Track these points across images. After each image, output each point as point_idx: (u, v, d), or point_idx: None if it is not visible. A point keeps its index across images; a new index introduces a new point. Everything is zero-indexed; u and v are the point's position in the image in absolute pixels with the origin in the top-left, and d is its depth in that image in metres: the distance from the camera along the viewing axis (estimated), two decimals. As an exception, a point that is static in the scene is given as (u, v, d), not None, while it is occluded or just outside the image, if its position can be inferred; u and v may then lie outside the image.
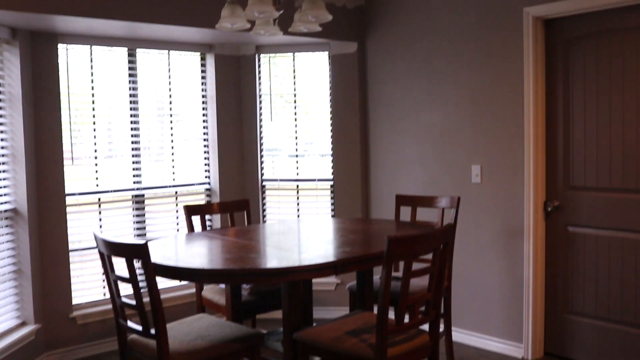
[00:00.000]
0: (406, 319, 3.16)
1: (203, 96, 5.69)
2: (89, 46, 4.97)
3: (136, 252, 2.93)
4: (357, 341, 3.09)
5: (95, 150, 5.08)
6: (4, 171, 4.51)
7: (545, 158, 4.60)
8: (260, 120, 5.85)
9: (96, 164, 5.09)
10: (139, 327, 3.07)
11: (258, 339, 3.28)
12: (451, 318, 4.40)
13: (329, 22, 3.61)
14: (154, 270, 3.04)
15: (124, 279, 3.07)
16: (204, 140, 5.71)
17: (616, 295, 4.28)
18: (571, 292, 4.53)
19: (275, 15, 3.55)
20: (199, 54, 5.63)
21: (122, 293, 3.23)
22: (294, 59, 5.80)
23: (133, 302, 3.05)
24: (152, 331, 2.99)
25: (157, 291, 2.93)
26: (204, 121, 5.70)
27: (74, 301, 4.93)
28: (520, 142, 4.60)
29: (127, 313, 3.26)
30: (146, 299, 2.95)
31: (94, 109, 5.06)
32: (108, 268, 3.16)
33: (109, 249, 3.07)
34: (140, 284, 3.05)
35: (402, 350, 3.09)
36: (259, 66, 5.82)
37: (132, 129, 5.26)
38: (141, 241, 2.91)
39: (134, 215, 5.27)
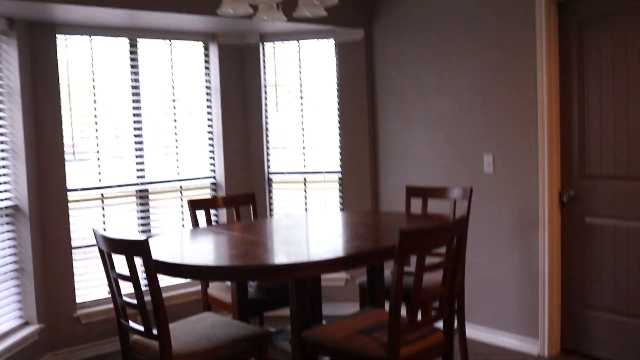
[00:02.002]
0: (419, 316, 3.03)
1: (207, 87, 5.56)
2: (88, 36, 4.85)
3: (136, 248, 2.80)
4: (369, 340, 2.96)
5: (97, 145, 4.96)
6: (4, 167, 4.40)
7: (560, 146, 4.45)
8: (266, 112, 5.71)
9: (98, 159, 4.97)
10: (141, 328, 2.95)
11: (265, 338, 3.15)
12: (464, 314, 4.26)
13: (334, 7, 3.48)
14: (156, 267, 2.91)
15: (124, 277, 2.94)
16: (209, 132, 5.58)
17: (636, 289, 4.13)
18: (588, 285, 4.38)
19: (277, -1, 3.41)
20: (201, 43, 5.50)
21: (124, 291, 3.11)
22: (299, 47, 5.66)
23: (134, 301, 2.93)
24: (155, 332, 2.87)
25: (159, 290, 2.80)
26: (208, 113, 5.57)
27: (78, 300, 4.83)
28: (533, 130, 4.45)
29: (130, 313, 3.13)
30: (148, 298, 2.82)
31: (95, 102, 4.93)
32: (108, 266, 3.04)
33: (109, 246, 2.94)
34: (143, 283, 2.93)
35: (415, 349, 2.95)
36: (264, 55, 5.68)
37: (134, 122, 5.13)
38: (142, 237, 2.78)
39: (138, 211, 5.15)
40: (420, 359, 3.01)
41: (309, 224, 3.99)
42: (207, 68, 5.55)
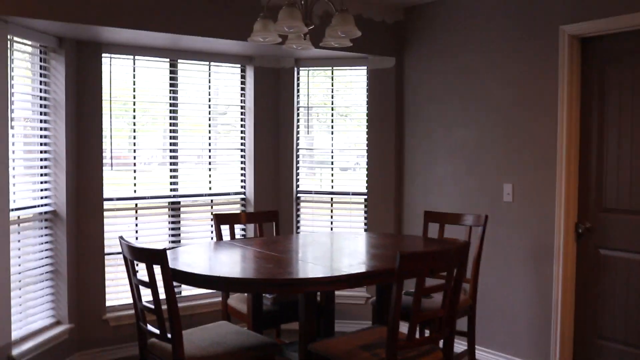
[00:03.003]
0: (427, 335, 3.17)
1: (242, 107, 5.80)
2: (132, 56, 5.14)
3: (155, 257, 3.03)
4: (369, 355, 3.12)
5: (135, 157, 5.23)
6: (46, 174, 4.69)
7: (578, 179, 4.54)
8: (297, 133, 5.93)
9: (134, 171, 5.24)
10: (157, 331, 3.16)
11: (273, 348, 3.34)
12: (475, 337, 4.37)
13: (367, 36, 3.64)
14: (173, 276, 3.12)
15: (144, 283, 3.16)
16: (241, 150, 5.82)
17: (646, 322, 4.20)
18: (601, 316, 4.45)
19: (304, 31, 3.61)
20: (239, 65, 5.75)
21: (145, 297, 3.33)
22: (332, 73, 5.87)
23: (152, 306, 3.15)
24: (169, 335, 3.07)
25: (174, 296, 3.01)
26: (241, 132, 5.81)
27: (108, 303, 5.07)
28: (553, 162, 4.56)
29: (151, 318, 3.35)
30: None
31: (134, 117, 5.22)
32: (130, 272, 3.27)
33: (132, 254, 3.18)
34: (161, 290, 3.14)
35: (413, 366, 3.10)
36: (298, 79, 5.91)
37: (171, 137, 5.40)
38: (161, 247, 3.01)
39: (169, 222, 5.40)
40: (418, 376, 3.17)
41: (325, 243, 4.16)
42: (242, 89, 5.80)
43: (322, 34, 3.87)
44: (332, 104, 5.91)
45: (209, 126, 5.67)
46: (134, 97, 5.20)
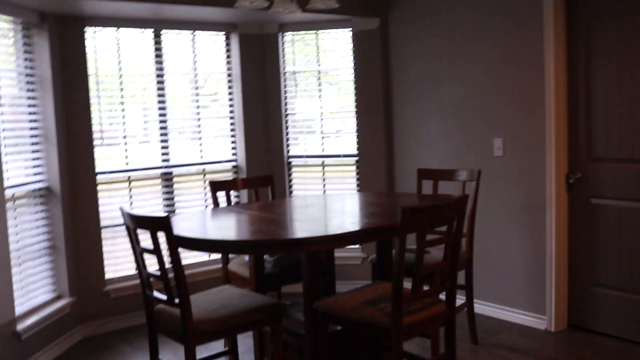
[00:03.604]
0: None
1: (228, 75, 5.79)
2: (115, 28, 5.09)
3: (159, 224, 3.05)
4: (375, 310, 3.17)
5: (124, 130, 5.22)
6: (37, 151, 4.67)
7: (567, 130, 4.61)
8: (285, 98, 5.93)
9: (125, 143, 5.23)
10: (164, 297, 3.20)
11: (279, 308, 3.39)
12: (473, 290, 4.46)
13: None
14: (178, 242, 3.15)
15: (148, 251, 3.19)
16: (230, 118, 5.82)
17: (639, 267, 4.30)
18: (594, 264, 4.55)
19: (291, -7, 3.60)
20: (223, 33, 5.72)
21: (149, 266, 3.36)
22: (317, 37, 5.86)
23: (158, 273, 3.18)
24: (176, 300, 3.11)
25: (179, 262, 3.04)
26: (229, 100, 5.81)
27: (107, 276, 5.11)
28: (541, 115, 4.61)
29: (155, 285, 3.38)
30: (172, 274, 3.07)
31: (122, 90, 5.19)
32: (134, 240, 3.29)
33: (134, 222, 3.19)
34: (166, 257, 3.16)
35: (418, 319, 3.16)
36: (283, 44, 5.89)
37: (159, 109, 5.38)
38: (165, 214, 3.03)
39: (163, 193, 5.42)
40: (423, 327, 3.23)
41: (322, 204, 4.20)
42: (228, 57, 5.78)
43: (305, -3, 3.86)
44: (319, 68, 5.90)
45: (197, 95, 5.65)
46: (120, 70, 5.17)
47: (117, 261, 5.19)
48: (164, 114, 5.40)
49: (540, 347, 4.41)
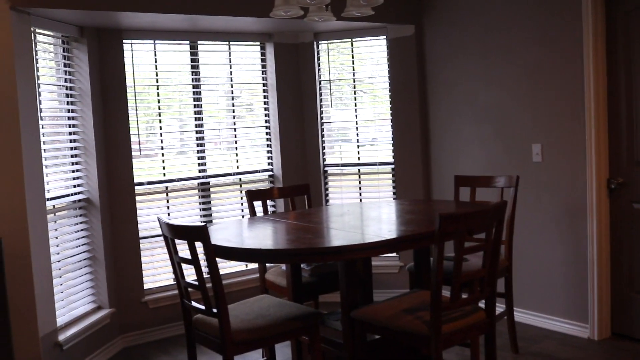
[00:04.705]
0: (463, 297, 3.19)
1: (264, 85, 5.82)
2: (152, 41, 5.16)
3: (196, 234, 3.07)
4: (413, 318, 3.15)
5: (162, 142, 5.27)
6: (77, 163, 4.74)
7: (608, 134, 4.52)
8: (321, 107, 5.93)
9: (162, 154, 5.28)
10: (202, 307, 3.21)
11: (316, 317, 3.37)
12: (513, 298, 4.39)
13: (385, 5, 3.63)
14: (214, 251, 3.16)
15: (186, 261, 3.21)
16: (266, 127, 5.84)
17: (684, 272, 4.19)
18: (637, 270, 4.44)
19: (326, 1, 3.60)
20: (258, 43, 5.75)
21: (187, 276, 3.38)
22: (352, 45, 5.86)
23: (196, 282, 3.19)
24: (214, 310, 3.12)
25: (217, 271, 3.05)
26: (265, 109, 5.83)
27: (146, 286, 5.15)
28: (581, 118, 4.53)
29: (193, 295, 3.40)
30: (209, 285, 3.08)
31: (159, 101, 5.25)
32: (172, 250, 3.31)
33: (172, 232, 3.22)
34: (203, 265, 3.17)
35: (457, 327, 3.12)
36: (318, 53, 5.90)
37: (195, 119, 5.43)
38: (202, 224, 3.04)
39: (200, 203, 5.45)
40: (462, 336, 3.19)
41: (359, 212, 4.18)
42: (263, 66, 5.81)
43: (342, 4, 3.86)
44: (354, 76, 5.89)
45: (233, 105, 5.69)
46: (157, 82, 5.23)
47: (156, 271, 5.24)
48: (200, 124, 5.44)
49: (583, 356, 4.32)
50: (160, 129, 5.27)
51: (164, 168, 5.28)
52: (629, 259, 4.49)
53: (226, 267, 5.54)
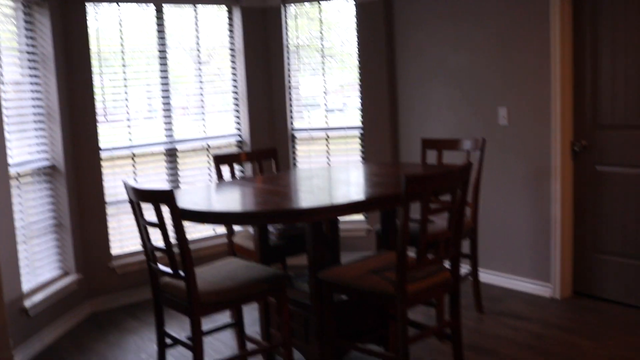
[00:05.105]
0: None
1: (231, 49, 5.76)
2: (116, 4, 5.06)
3: (162, 197, 3.05)
4: (379, 279, 3.18)
5: (127, 108, 5.21)
6: (40, 129, 4.67)
7: (573, 97, 4.57)
8: (289, 72, 5.90)
9: (128, 120, 5.22)
10: (169, 270, 3.20)
11: (284, 279, 3.39)
12: (477, 259, 4.46)
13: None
14: (182, 215, 3.16)
15: (152, 224, 3.19)
16: (234, 93, 5.80)
17: (644, 232, 4.29)
18: (599, 231, 4.54)
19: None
20: (225, 7, 5.68)
21: (154, 241, 3.36)
22: (320, 9, 5.81)
23: (163, 246, 3.18)
24: (182, 273, 3.11)
25: (183, 234, 3.04)
26: (232, 74, 5.78)
27: (113, 252, 5.13)
28: (547, 82, 4.57)
29: (161, 259, 3.39)
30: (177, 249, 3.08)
31: (124, 66, 5.17)
32: (138, 214, 3.29)
33: (137, 196, 3.19)
34: (171, 232, 3.16)
35: (422, 286, 3.16)
36: (286, 17, 5.85)
37: (162, 85, 5.37)
38: (168, 187, 3.03)
39: (167, 169, 5.42)
40: (427, 295, 3.25)
41: (327, 175, 4.20)
42: (231, 31, 5.74)
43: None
44: (322, 40, 5.86)
45: (200, 70, 5.63)
46: (122, 47, 5.14)
47: (123, 237, 5.21)
48: (166, 90, 5.38)
49: (546, 315, 4.42)
50: (126, 94, 5.19)
51: (129, 134, 5.22)
52: (591, 220, 4.58)
53: (195, 232, 5.53)
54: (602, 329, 4.12)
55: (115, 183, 5.13)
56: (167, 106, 5.40)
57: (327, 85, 5.89)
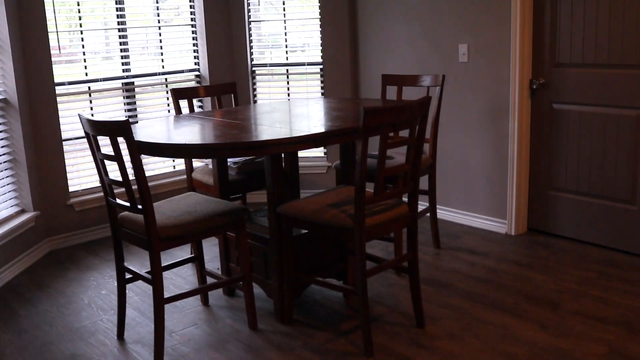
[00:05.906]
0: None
1: (189, -18, 5.62)
2: None
3: (118, 129, 3.00)
4: (338, 212, 3.20)
5: (82, 40, 5.07)
6: (-9, 62, 4.53)
7: (532, 36, 4.58)
8: (248, 6, 5.78)
9: (84, 60, 5.09)
10: (127, 204, 3.18)
11: (243, 213, 3.40)
12: (435, 195, 4.51)
13: None
14: (139, 148, 3.12)
15: (109, 157, 3.15)
16: (192, 27, 5.68)
17: (597, 170, 4.37)
18: (555, 168, 4.62)
19: None
20: (182, -62, 5.52)
21: (112, 175, 3.32)
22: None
23: (120, 180, 3.15)
24: (140, 207, 3.09)
25: (141, 167, 3.01)
26: (190, 6, 5.65)
27: (71, 189, 5.06)
28: (507, 20, 4.57)
29: (119, 193, 3.36)
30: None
31: (78, 4, 5.00)
32: (94, 148, 3.24)
33: (93, 129, 3.14)
34: (129, 167, 3.12)
35: (380, 220, 3.20)
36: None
37: (118, 17, 5.22)
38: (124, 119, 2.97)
39: (124, 104, 5.33)
40: (385, 229, 3.28)
41: (287, 109, 4.17)
42: (188, -38, 5.60)
43: None
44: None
45: (157, 2, 5.48)
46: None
47: (81, 174, 5.14)
48: (123, 22, 5.24)
49: (500, 250, 4.52)
50: (81, 33, 5.04)
51: (85, 68, 5.10)
52: (547, 158, 4.65)
53: (154, 168, 5.49)
54: (553, 263, 4.24)
55: (71, 119, 5.03)
56: (124, 39, 5.27)
57: (287, 24, 5.79)
